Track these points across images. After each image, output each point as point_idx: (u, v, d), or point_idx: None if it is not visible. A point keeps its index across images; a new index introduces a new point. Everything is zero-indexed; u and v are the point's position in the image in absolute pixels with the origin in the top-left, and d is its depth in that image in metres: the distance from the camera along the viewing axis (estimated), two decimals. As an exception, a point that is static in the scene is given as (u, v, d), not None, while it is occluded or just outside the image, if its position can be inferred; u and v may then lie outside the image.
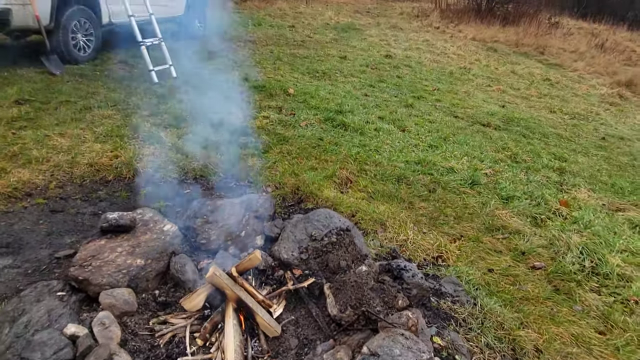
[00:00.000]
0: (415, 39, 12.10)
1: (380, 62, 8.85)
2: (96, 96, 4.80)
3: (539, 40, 13.76)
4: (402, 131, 5.02)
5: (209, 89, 5.46)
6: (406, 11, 17.92)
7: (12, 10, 5.03)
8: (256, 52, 8.16)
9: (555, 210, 3.58)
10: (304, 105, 5.43)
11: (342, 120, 4.97)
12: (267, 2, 15.39)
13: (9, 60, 5.70)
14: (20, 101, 4.39)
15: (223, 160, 3.64)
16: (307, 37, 10.67)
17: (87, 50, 6.06)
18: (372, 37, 11.73)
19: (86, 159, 3.41)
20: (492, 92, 7.91)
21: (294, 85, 6.22)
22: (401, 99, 6.39)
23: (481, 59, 10.68)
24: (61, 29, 5.58)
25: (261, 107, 5.12)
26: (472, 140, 5.07)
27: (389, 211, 3.19)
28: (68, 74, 5.47)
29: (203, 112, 4.64)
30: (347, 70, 7.73)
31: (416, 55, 9.98)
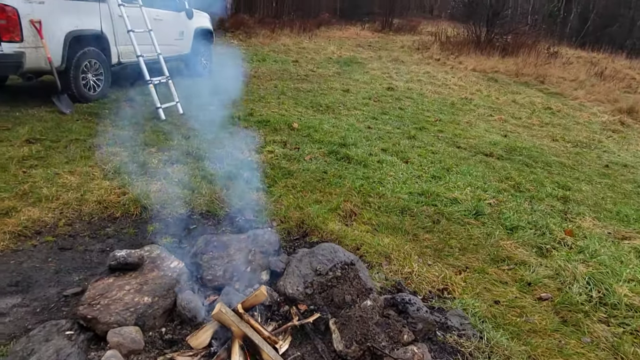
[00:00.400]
0: (416, 71, 12.34)
1: (382, 94, 9.02)
2: (105, 134, 4.91)
3: (539, 70, 13.98)
4: (405, 162, 5.08)
5: (214, 124, 5.59)
6: (407, 44, 18.33)
7: (25, 53, 5.23)
8: (261, 87, 8.36)
9: (561, 240, 3.58)
10: (308, 139, 5.53)
11: (345, 153, 5.04)
12: (271, 38, 15.84)
13: (20, 101, 5.89)
14: (31, 140, 4.52)
15: (229, 195, 3.70)
16: (311, 71, 10.92)
17: (97, 89, 6.24)
18: (374, 70, 11.98)
19: (95, 196, 3.47)
20: (494, 121, 8.01)
21: (298, 119, 6.34)
22: (404, 131, 6.49)
23: (482, 90, 10.85)
24: (72, 69, 5.78)
25: (266, 141, 5.21)
26: (475, 170, 5.11)
27: (393, 243, 3.20)
28: (78, 113, 5.62)
29: (209, 147, 4.74)
30: (350, 104, 7.87)
31: (418, 87, 10.16)
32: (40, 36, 5.26)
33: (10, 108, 5.53)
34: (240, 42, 14.66)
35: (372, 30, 24.88)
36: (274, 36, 16.34)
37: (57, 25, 5.52)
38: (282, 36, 16.70)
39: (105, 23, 6.18)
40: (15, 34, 5.08)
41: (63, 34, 5.59)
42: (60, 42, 5.57)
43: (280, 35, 16.75)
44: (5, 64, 5.17)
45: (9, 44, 5.08)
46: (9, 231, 2.91)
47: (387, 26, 26.28)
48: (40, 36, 5.26)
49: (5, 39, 5.07)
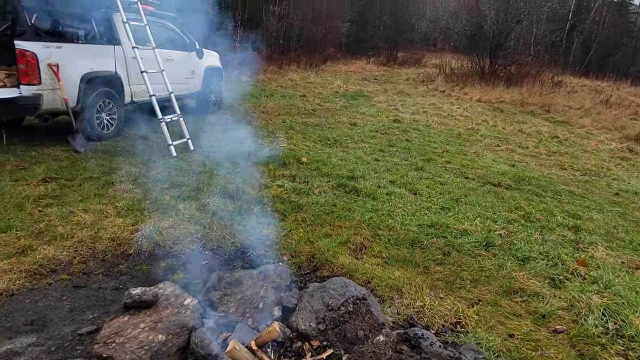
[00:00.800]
0: (422, 103, 12.51)
1: (389, 127, 9.14)
2: (118, 171, 5.02)
3: (544, 99, 14.12)
4: (414, 194, 5.10)
5: (224, 160, 5.69)
6: (412, 77, 18.65)
7: (43, 95, 5.42)
8: (269, 122, 8.51)
9: (573, 270, 3.55)
10: (316, 172, 5.59)
11: (354, 186, 5.09)
12: (279, 73, 16.22)
13: (37, 140, 6.06)
14: (47, 179, 4.63)
15: (239, 230, 3.74)
16: (318, 105, 11.12)
17: (111, 127, 6.41)
18: (381, 103, 12.18)
19: (108, 233, 3.53)
20: (501, 151, 8.05)
21: (306, 153, 6.44)
22: (411, 162, 6.54)
23: (488, 120, 10.95)
24: (87, 109, 5.96)
25: (275, 176, 5.29)
26: (484, 200, 5.12)
27: (404, 276, 3.20)
28: (92, 151, 5.76)
29: (219, 183, 4.82)
30: (358, 137, 7.98)
31: (424, 119, 10.28)
32: (58, 79, 5.47)
33: (27, 148, 5.69)
34: (248, 78, 15.01)
35: (377, 63, 25.39)
36: (282, 72, 16.74)
37: (74, 68, 5.73)
38: (289, 71, 17.11)
39: (119, 64, 6.41)
40: (34, 77, 5.28)
41: (79, 75, 5.80)
42: (76, 83, 5.77)
43: (288, 71, 17.16)
44: (24, 106, 5.36)
45: (28, 86, 5.28)
46: (25, 270, 2.96)
47: (392, 59, 26.82)
48: (57, 79, 5.47)
49: (24, 82, 5.27)
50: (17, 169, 4.88)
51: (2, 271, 2.91)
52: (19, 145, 5.75)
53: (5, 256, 3.10)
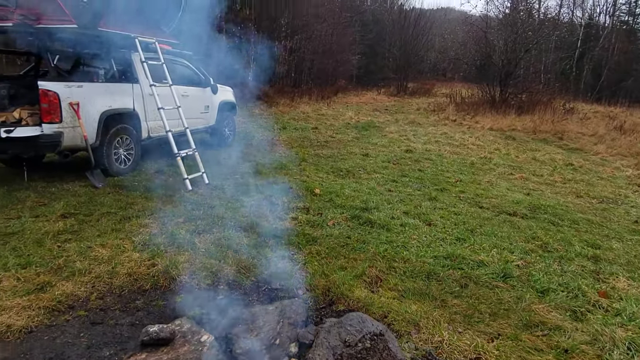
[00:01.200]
0: (433, 132, 12.57)
1: (401, 157, 9.17)
2: (135, 206, 5.10)
3: (557, 126, 14.08)
4: (428, 225, 5.08)
5: (239, 193, 5.75)
6: (422, 107, 18.80)
7: (63, 132, 5.59)
8: (282, 155, 8.61)
9: (595, 302, 3.47)
10: (330, 204, 5.61)
11: (368, 218, 5.09)
12: (291, 106, 16.50)
13: (56, 176, 6.21)
14: (66, 215, 4.72)
15: (254, 263, 3.74)
16: (330, 137, 11.25)
17: (128, 163, 6.55)
18: (392, 133, 12.26)
19: (125, 268, 3.56)
20: (515, 180, 8.00)
21: (319, 185, 6.47)
22: (425, 193, 6.53)
23: (501, 148, 10.93)
24: (105, 146, 6.11)
25: (289, 208, 5.31)
26: (500, 230, 5.06)
27: (421, 310, 3.16)
28: (109, 186, 5.88)
29: (234, 216, 4.86)
30: (370, 167, 8.02)
31: (436, 149, 10.31)
32: (78, 117, 5.65)
33: (47, 184, 5.82)
34: (261, 111, 15.29)
35: (387, 94, 25.71)
36: (294, 104, 17.03)
37: (93, 106, 5.92)
38: (301, 104, 17.39)
39: (137, 101, 6.60)
40: (56, 116, 5.47)
41: (98, 113, 5.98)
42: (95, 121, 5.95)
43: (300, 103, 17.45)
44: (45, 143, 5.52)
45: (49, 124, 5.46)
46: (43, 306, 2.99)
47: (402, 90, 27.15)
48: (78, 117, 5.64)
49: (46, 120, 5.45)
50: (37, 205, 4.99)
51: (21, 308, 2.95)
52: (39, 182, 5.89)
53: (25, 292, 3.15)
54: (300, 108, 16.42)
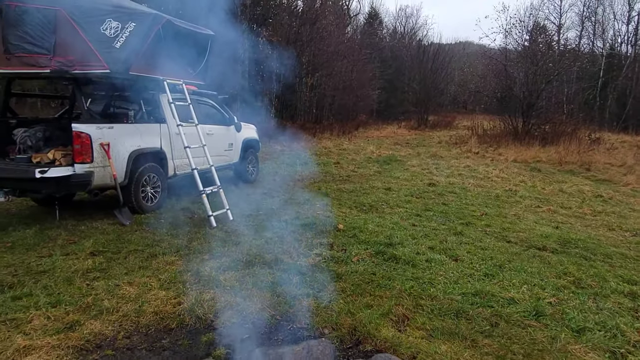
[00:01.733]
0: (456, 165, 12.49)
1: (424, 190, 9.11)
2: (161, 243, 5.17)
3: (583, 157, 13.83)
4: (455, 261, 4.98)
5: (262, 229, 5.78)
6: (444, 140, 18.78)
7: (94, 172, 5.77)
8: (305, 190, 8.66)
9: (635, 343, 3.30)
10: (354, 239, 5.58)
11: (392, 253, 5.02)
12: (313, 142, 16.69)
13: (86, 214, 6.37)
14: (95, 252, 4.81)
15: (279, 301, 3.72)
16: (352, 171, 11.29)
17: (154, 200, 6.68)
18: (414, 167, 12.24)
19: (152, 307, 3.59)
20: (543, 213, 7.83)
21: (343, 220, 6.46)
22: (450, 227, 6.44)
23: (526, 180, 10.76)
24: (133, 184, 6.27)
25: (313, 244, 5.30)
26: (530, 266, 4.92)
27: (451, 351, 3.06)
28: (137, 224, 5.99)
29: (258, 253, 4.87)
30: (393, 202, 7.98)
31: (459, 182, 10.21)
32: (108, 157, 5.84)
33: (77, 222, 5.97)
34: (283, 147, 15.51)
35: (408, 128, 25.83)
36: (316, 140, 17.24)
37: (123, 146, 6.12)
38: (323, 139, 17.60)
39: (164, 140, 6.80)
40: (87, 157, 5.66)
41: (127, 153, 6.17)
42: (124, 160, 6.13)
43: (321, 139, 17.66)
44: (77, 183, 5.70)
45: (81, 165, 5.64)
46: (72, 345, 3.02)
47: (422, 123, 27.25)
48: (108, 157, 5.83)
49: (78, 160, 5.65)
50: (68, 243, 5.12)
51: (51, 347, 2.98)
52: (70, 220, 6.05)
53: (55, 331, 3.18)
54: (322, 143, 16.61)
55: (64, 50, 5.59)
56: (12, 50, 5.70)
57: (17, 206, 6.89)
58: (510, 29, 20.84)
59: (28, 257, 4.68)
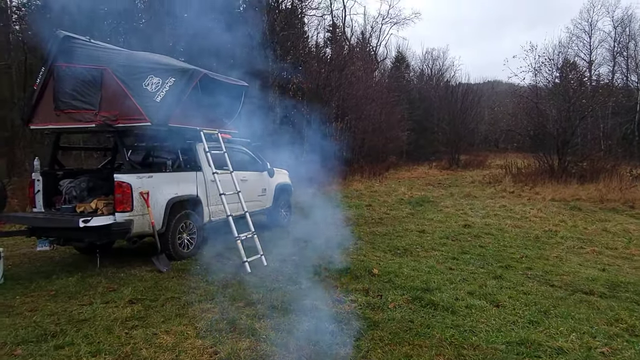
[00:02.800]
0: (491, 205, 12.22)
1: (459, 232, 8.92)
2: (197, 290, 5.21)
3: (626, 194, 13.29)
4: (496, 306, 4.79)
5: (296, 275, 5.76)
6: (477, 179, 18.51)
7: (134, 220, 5.96)
8: (338, 234, 8.62)
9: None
10: (389, 285, 5.47)
11: (430, 299, 4.89)
12: (344, 184, 16.76)
13: (125, 261, 6.53)
14: (134, 300, 4.89)
15: (316, 350, 3.65)
16: (384, 214, 11.21)
17: (190, 247, 6.80)
18: (448, 208, 12.05)
19: (188, 356, 3.58)
20: (587, 254, 7.49)
21: (377, 264, 6.37)
22: (488, 270, 6.24)
23: (566, 220, 10.39)
24: (170, 231, 6.42)
25: (348, 290, 5.22)
26: (577, 312, 4.68)
27: (498, 405, 2.90)
28: (173, 270, 6.08)
29: (293, 300, 4.83)
30: (428, 244, 7.83)
31: (496, 222, 9.96)
32: (147, 205, 6.03)
33: (116, 269, 6.12)
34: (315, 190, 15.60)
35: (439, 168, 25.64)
36: (346, 182, 17.30)
37: (161, 194, 6.32)
38: (353, 182, 17.64)
39: (200, 188, 6.99)
40: (127, 205, 5.87)
41: (165, 200, 6.36)
42: (162, 208, 6.31)
43: (352, 181, 17.71)
44: (117, 231, 5.89)
45: (122, 213, 5.85)
46: (112, 396, 3.03)
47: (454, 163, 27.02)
48: (147, 205, 6.03)
49: (119, 209, 5.86)
50: (108, 291, 5.23)
51: (91, 398, 3.00)
52: (110, 267, 6.21)
53: (95, 382, 3.21)
54: (352, 186, 16.65)
55: (109, 105, 5.94)
56: (62, 107, 6.11)
57: (60, 254, 7.14)
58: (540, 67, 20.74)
59: (70, 305, 4.80)
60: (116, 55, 6.33)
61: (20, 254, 7.22)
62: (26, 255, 7.10)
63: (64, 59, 6.11)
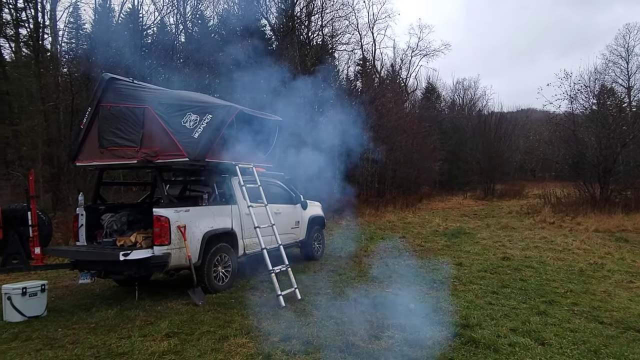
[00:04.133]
0: (531, 237, 11.82)
1: (498, 265, 8.63)
2: (232, 324, 5.21)
3: (676, 224, 12.60)
4: (542, 345, 4.56)
5: (331, 309, 5.68)
6: (514, 209, 18.00)
7: (171, 253, 6.07)
8: (372, 266, 8.50)
9: None
10: (425, 320, 5.30)
11: (470, 336, 4.71)
12: (376, 216, 16.62)
13: (162, 294, 6.62)
14: (170, 334, 4.92)
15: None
16: (419, 246, 11.00)
17: (225, 280, 6.84)
18: (485, 239, 11.72)
19: (225, 392, 3.55)
20: (637, 289, 7.07)
21: (413, 298, 6.21)
22: (531, 306, 5.98)
23: (612, 252, 9.90)
24: (206, 264, 6.49)
25: (384, 325, 5.10)
26: (631, 351, 4.40)
27: None
28: (209, 304, 6.11)
29: (329, 334, 4.75)
30: (465, 278, 7.60)
31: (536, 255, 9.60)
32: (184, 238, 6.14)
33: (153, 302, 6.21)
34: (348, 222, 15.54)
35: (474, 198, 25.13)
36: (379, 214, 17.15)
37: (197, 227, 6.43)
38: (386, 213, 17.47)
39: (234, 221, 7.08)
40: (165, 239, 6.00)
41: (201, 234, 6.46)
42: (198, 241, 6.41)
43: (385, 213, 17.54)
44: (155, 264, 6.01)
45: (160, 247, 5.98)
46: None
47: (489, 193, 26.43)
48: (184, 238, 6.14)
49: (157, 243, 6.00)
50: (145, 324, 5.29)
51: None
52: (147, 300, 6.30)
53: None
54: (385, 217, 16.48)
55: (150, 142, 6.17)
56: (105, 145, 6.39)
57: (100, 287, 7.31)
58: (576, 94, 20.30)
59: (109, 338, 4.88)
60: (157, 94, 6.62)
61: (62, 286, 7.44)
62: (68, 288, 7.32)
63: (108, 99, 6.44)
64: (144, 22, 21.58)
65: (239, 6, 19.81)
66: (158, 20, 21.69)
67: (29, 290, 5.58)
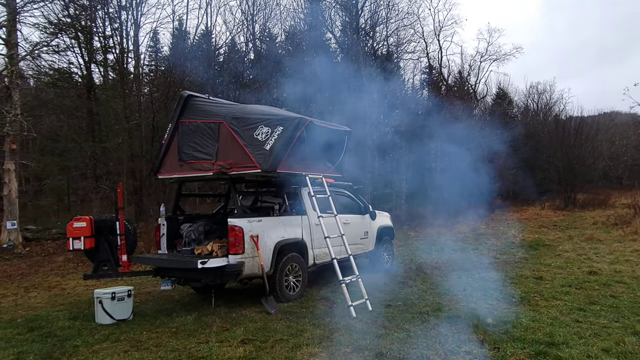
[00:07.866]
0: (621, 250, 10.86)
1: (584, 280, 8.00)
2: (304, 333, 5.25)
3: None
4: (640, 368, 4.15)
5: (403, 321, 5.57)
6: (600, 220, 16.67)
7: (245, 262, 6.26)
8: (444, 279, 8.23)
9: None
10: (506, 336, 5.03)
11: (557, 355, 4.40)
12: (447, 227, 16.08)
13: (236, 302, 6.83)
14: (245, 340, 5.06)
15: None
16: (494, 258, 10.49)
17: (296, 289, 6.93)
18: (567, 252, 10.95)
19: (300, 401, 3.58)
20: None
21: (490, 312, 5.92)
22: (625, 325, 5.47)
23: None
24: (278, 273, 6.63)
25: (460, 340, 4.90)
26: None
27: None
28: (280, 312, 6.21)
29: (402, 347, 4.65)
30: (547, 293, 7.11)
31: (628, 269, 8.79)
32: (257, 247, 6.32)
33: (228, 309, 6.42)
34: (416, 233, 15.22)
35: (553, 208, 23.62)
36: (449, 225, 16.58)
37: (269, 237, 6.60)
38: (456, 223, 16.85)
39: (305, 231, 7.18)
40: (239, 248, 6.21)
41: (273, 244, 6.62)
42: (270, 250, 6.57)
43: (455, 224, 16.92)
44: (230, 272, 6.24)
45: (234, 256, 6.20)
46: None
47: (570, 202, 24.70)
48: (256, 247, 6.32)
49: (232, 252, 6.22)
50: (222, 330, 5.49)
51: None
52: (223, 307, 6.54)
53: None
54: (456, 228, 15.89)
55: (224, 155, 6.46)
56: (184, 158, 6.77)
57: (179, 293, 7.70)
58: (669, 93, 18.53)
59: (189, 342, 5.11)
60: (230, 109, 6.93)
61: (145, 292, 7.93)
62: (150, 294, 7.78)
63: (187, 116, 6.83)
64: (216, 42, 22.76)
65: (305, 21, 20.32)
66: (229, 39, 22.79)
67: (117, 295, 6.00)
